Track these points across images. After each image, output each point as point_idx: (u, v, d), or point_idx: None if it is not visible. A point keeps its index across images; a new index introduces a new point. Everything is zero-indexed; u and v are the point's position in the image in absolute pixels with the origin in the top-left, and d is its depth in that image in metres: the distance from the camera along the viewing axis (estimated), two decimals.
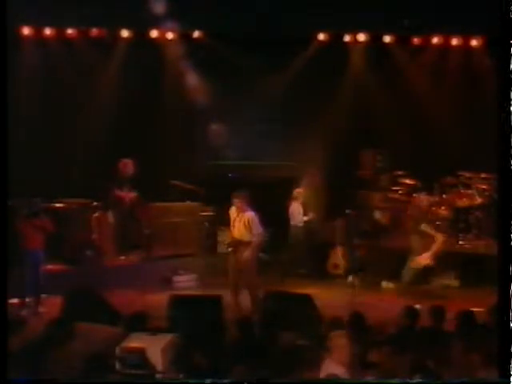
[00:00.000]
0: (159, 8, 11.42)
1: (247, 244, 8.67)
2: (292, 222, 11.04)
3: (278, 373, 4.61)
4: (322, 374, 4.60)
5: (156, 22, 11.93)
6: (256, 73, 12.33)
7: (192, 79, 12.55)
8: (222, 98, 12.38)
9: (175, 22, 12.05)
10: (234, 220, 8.77)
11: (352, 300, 8.81)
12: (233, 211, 8.81)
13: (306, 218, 11.01)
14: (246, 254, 8.60)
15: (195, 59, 12.48)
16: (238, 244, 8.74)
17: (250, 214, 8.68)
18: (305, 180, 11.33)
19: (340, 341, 4.90)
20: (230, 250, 8.93)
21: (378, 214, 10.38)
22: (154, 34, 12.38)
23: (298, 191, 11.12)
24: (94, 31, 12.07)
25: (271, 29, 11.87)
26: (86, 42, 12.15)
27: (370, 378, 4.50)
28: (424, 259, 9.62)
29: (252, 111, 12.84)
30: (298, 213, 11.02)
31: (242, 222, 8.69)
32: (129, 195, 10.77)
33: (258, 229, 8.66)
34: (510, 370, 4.13)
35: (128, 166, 10.74)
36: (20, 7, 9.85)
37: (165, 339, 4.76)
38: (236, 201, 8.77)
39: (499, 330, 4.36)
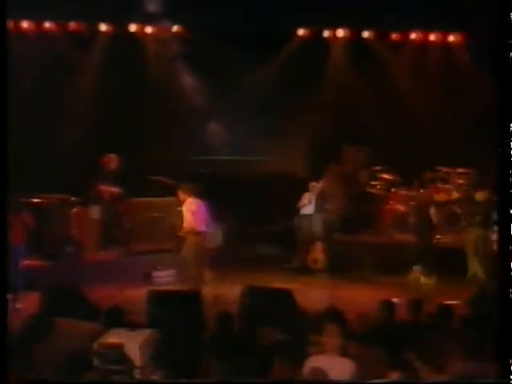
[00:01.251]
0: (141, 2, 11.39)
1: (193, 234, 9.11)
2: (301, 212, 11.21)
3: (260, 368, 4.61)
4: (306, 369, 4.60)
5: (137, 16, 11.91)
6: (237, 68, 12.35)
7: (173, 74, 12.52)
8: (202, 94, 12.38)
9: (156, 17, 12.03)
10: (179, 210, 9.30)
11: (331, 295, 8.88)
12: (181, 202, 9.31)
13: (311, 209, 11.13)
14: (191, 243, 9.09)
15: (177, 54, 12.45)
16: (185, 234, 9.18)
17: (187, 205, 9.13)
18: (325, 174, 11.43)
19: (327, 335, 4.93)
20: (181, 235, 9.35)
21: (432, 210, 10.43)
22: (133, 28, 12.35)
23: (313, 184, 11.27)
24: (73, 25, 11.99)
25: (252, 24, 11.88)
26: (65, 35, 12.07)
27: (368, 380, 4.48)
28: None
29: (233, 107, 12.85)
30: (306, 203, 11.17)
31: (186, 212, 9.16)
32: (112, 190, 10.77)
33: (187, 219, 9.08)
34: (510, 370, 4.12)
35: (112, 161, 10.77)
36: None
37: (143, 335, 4.76)
38: (179, 192, 9.29)
39: (499, 329, 4.38)
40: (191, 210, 9.16)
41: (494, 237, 9.80)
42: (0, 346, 4.33)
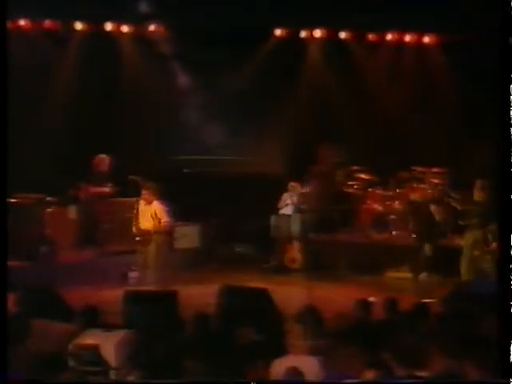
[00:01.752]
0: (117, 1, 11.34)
1: (156, 234, 9.12)
2: (280, 212, 11.23)
3: (236, 369, 4.61)
4: (282, 368, 4.61)
5: (113, 15, 11.86)
6: (215, 68, 12.33)
7: (150, 73, 12.46)
8: (179, 92, 12.35)
9: (133, 15, 11.99)
10: (142, 211, 9.21)
11: (309, 294, 8.91)
12: (141, 203, 9.25)
13: (291, 209, 11.14)
14: (155, 244, 9.08)
15: (153, 53, 12.40)
16: (146, 234, 9.13)
17: (157, 205, 9.10)
18: (309, 176, 11.59)
19: (297, 335, 4.94)
20: (137, 239, 9.30)
21: (433, 208, 10.41)
22: (109, 27, 12.27)
23: (293, 185, 11.29)
24: (48, 23, 11.87)
25: (230, 24, 11.85)
26: (40, 33, 11.95)
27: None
28: None
29: (211, 106, 12.85)
30: (289, 203, 11.21)
31: (150, 212, 9.12)
32: (102, 190, 10.77)
33: (164, 219, 9.06)
34: (510, 371, 4.13)
35: (104, 161, 10.83)
36: None
37: (118, 335, 4.75)
38: (144, 192, 9.15)
39: (499, 330, 4.39)
40: (166, 211, 9.11)
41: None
42: (0, 346, 4.30)
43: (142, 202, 9.27)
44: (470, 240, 9.68)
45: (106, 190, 10.79)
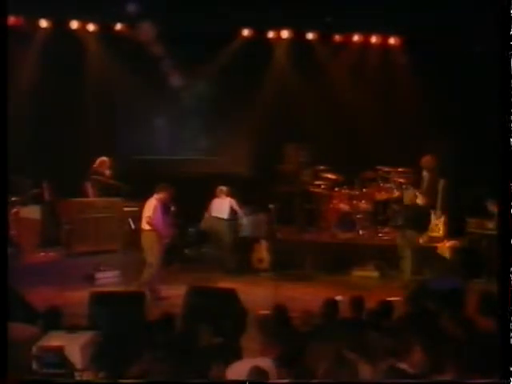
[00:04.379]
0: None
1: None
2: (214, 215, 11.08)
3: (198, 370, 4.59)
4: (246, 368, 4.60)
5: (78, 13, 11.75)
6: (182, 68, 12.28)
7: (114, 73, 12.36)
8: (144, 92, 12.28)
9: (98, 14, 11.90)
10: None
11: (276, 293, 8.91)
12: (154, 202, 9.18)
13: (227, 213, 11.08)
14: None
15: (117, 52, 12.31)
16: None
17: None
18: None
19: (264, 334, 4.95)
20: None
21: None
22: (75, 25, 12.14)
23: (221, 188, 11.11)
24: (12, 20, 11.67)
25: (197, 24, 11.82)
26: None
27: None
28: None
29: (175, 106, 12.80)
30: (219, 208, 11.07)
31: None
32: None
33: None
34: (510, 371, 4.13)
35: (105, 163, 11.02)
36: None
37: (84, 337, 4.69)
38: (163, 193, 9.18)
39: (500, 330, 4.42)
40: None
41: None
42: (0, 346, 4.23)
43: (154, 202, 9.18)
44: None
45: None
